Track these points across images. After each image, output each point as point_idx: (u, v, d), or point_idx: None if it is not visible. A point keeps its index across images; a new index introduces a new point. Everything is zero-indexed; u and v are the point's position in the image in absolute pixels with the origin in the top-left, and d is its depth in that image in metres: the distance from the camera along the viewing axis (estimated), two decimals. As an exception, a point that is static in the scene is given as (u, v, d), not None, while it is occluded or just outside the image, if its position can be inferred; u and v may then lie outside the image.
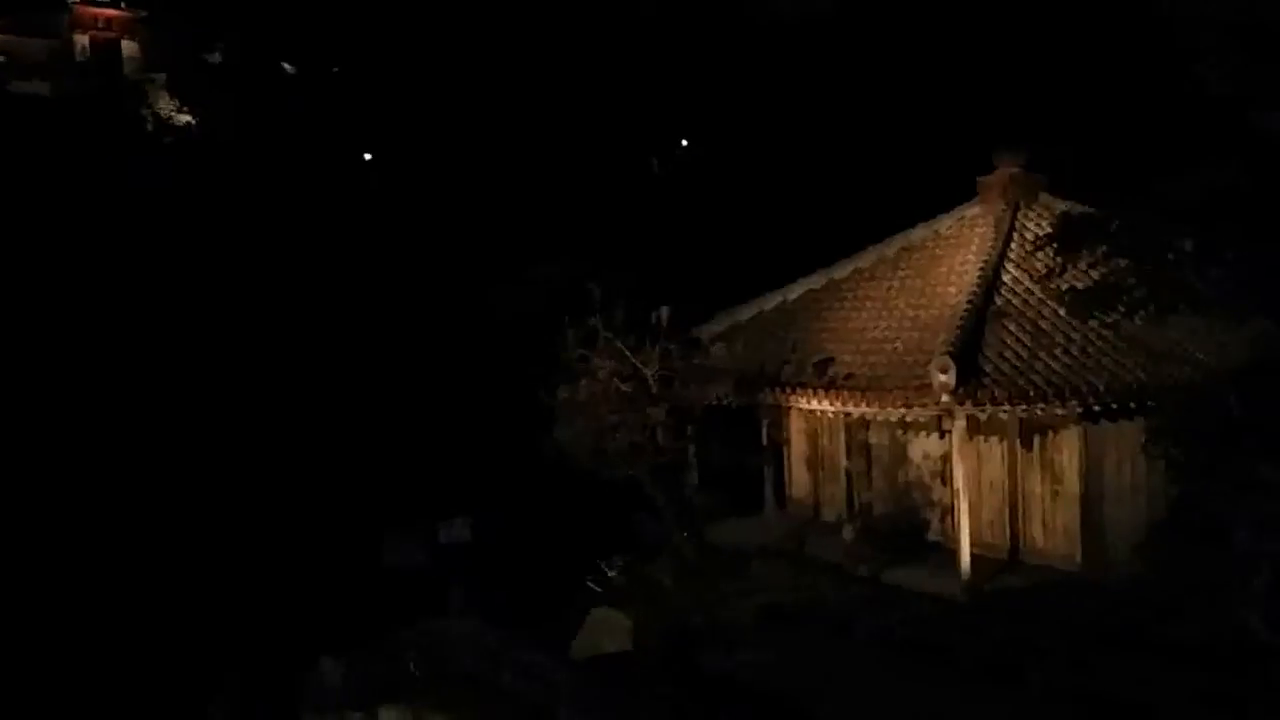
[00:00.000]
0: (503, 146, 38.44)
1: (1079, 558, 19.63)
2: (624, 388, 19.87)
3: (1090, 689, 14.23)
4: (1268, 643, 12.61)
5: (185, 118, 51.63)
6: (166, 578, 25.95)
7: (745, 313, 23.82)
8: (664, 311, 20.40)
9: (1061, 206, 20.72)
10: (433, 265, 35.29)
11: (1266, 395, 13.41)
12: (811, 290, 23.76)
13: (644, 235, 34.85)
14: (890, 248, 23.51)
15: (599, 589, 20.18)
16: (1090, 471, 19.70)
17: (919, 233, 23.37)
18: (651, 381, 20.02)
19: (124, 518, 27.39)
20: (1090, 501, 19.66)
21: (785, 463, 24.68)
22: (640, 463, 19.78)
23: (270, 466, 29.46)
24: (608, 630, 19.68)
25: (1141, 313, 15.54)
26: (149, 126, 48.65)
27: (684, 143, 43.26)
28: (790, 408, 22.51)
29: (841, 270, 23.72)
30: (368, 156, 43.11)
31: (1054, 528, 20.25)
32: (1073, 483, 19.88)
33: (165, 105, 53.88)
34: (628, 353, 20.00)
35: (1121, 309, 15.08)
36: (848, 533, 21.90)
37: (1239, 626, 12.99)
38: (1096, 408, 18.76)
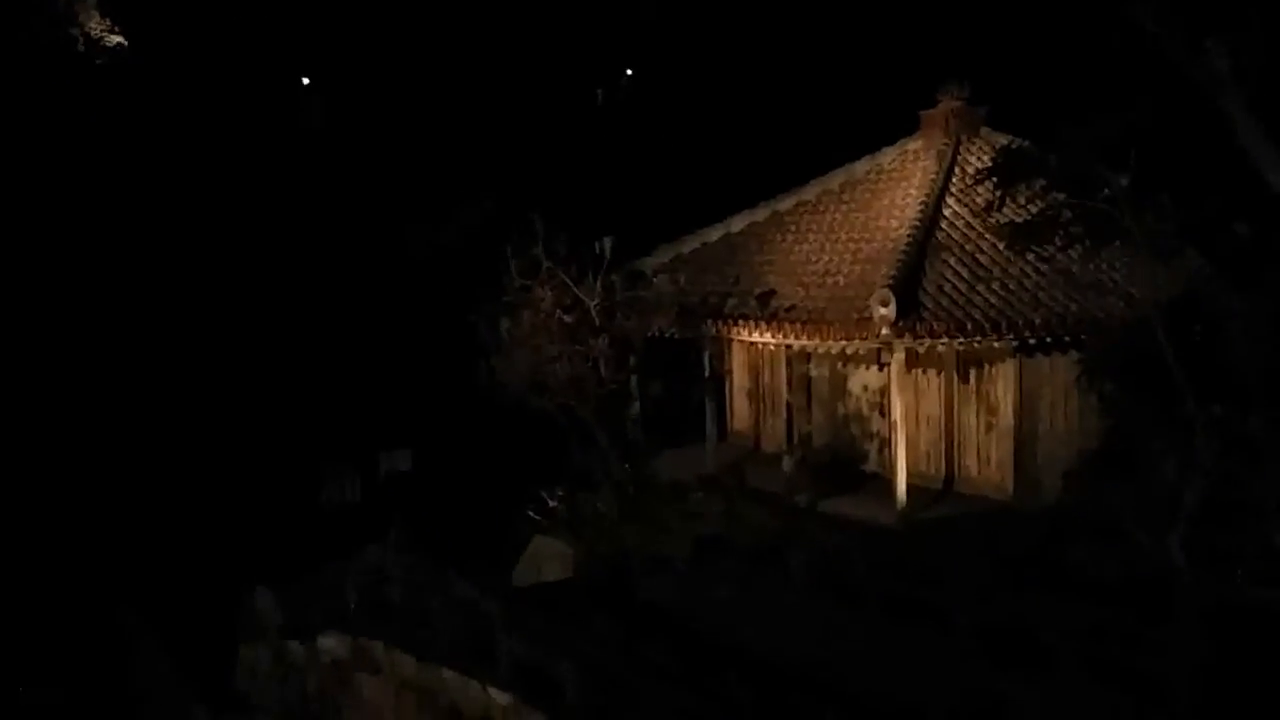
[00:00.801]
0: (459, 78, 37.82)
1: (1011, 488, 20.06)
2: (566, 319, 19.83)
3: (1011, 616, 14.64)
4: (1184, 571, 12.95)
5: (117, 39, 50.09)
6: (99, 510, 25.68)
7: (688, 245, 23.80)
8: (607, 243, 20.30)
9: (1001, 140, 20.84)
10: (375, 191, 34.78)
11: (1195, 331, 13.62)
12: (755, 222, 23.77)
13: (589, 166, 34.55)
14: (833, 180, 23.55)
15: (540, 518, 20.28)
16: (1024, 404, 20.06)
17: (862, 166, 23.41)
18: (594, 313, 19.99)
19: (55, 455, 26.99)
20: (1024, 434, 20.04)
21: (727, 395, 24.85)
22: (582, 394, 19.80)
23: (204, 400, 29.10)
24: (548, 559, 19.86)
25: (1076, 248, 15.70)
26: (80, 47, 47.15)
27: (629, 73, 42.76)
28: (732, 340, 22.64)
29: (785, 202, 23.73)
30: (306, 81, 42.20)
31: (988, 459, 20.64)
32: (1007, 415, 20.25)
33: (96, 26, 52.20)
34: (570, 284, 19.93)
35: (1057, 243, 15.20)
36: (787, 464, 22.16)
37: (1160, 556, 13.31)
38: (1031, 341, 19.07)
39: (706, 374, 23.01)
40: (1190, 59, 11.27)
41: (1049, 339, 18.85)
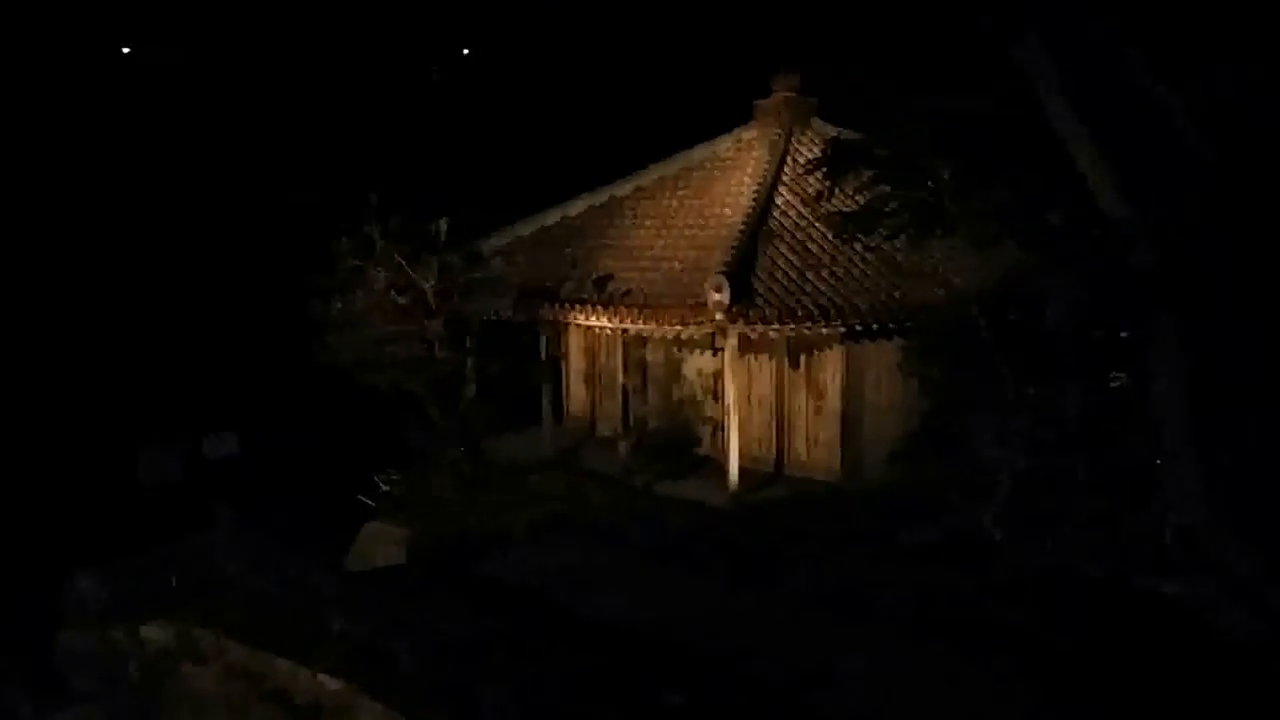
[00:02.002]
0: (294, 49, 36.81)
1: (839, 469, 20.65)
2: (401, 300, 19.58)
3: (839, 582, 15.20)
4: (1001, 543, 13.63)
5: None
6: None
7: (527, 227, 23.75)
8: (443, 223, 20.12)
9: (831, 131, 21.41)
10: (211, 158, 33.56)
11: (1012, 316, 14.32)
12: (593, 206, 23.87)
13: (425, 145, 34.10)
14: (671, 167, 23.82)
15: (372, 503, 19.99)
16: (851, 388, 20.67)
17: (699, 153, 23.74)
18: (430, 294, 19.79)
19: None
20: (850, 416, 20.65)
21: (563, 378, 24.90)
22: (417, 376, 19.60)
23: (12, 375, 27.61)
24: (383, 543, 19.57)
25: (902, 236, 16.28)
26: None
27: (465, 51, 42.31)
28: (570, 324, 22.69)
29: (623, 187, 23.90)
30: (126, 50, 40.52)
31: (816, 441, 21.19)
32: (835, 399, 20.82)
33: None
34: (404, 264, 19.68)
35: (884, 232, 15.76)
36: (623, 447, 22.37)
37: (978, 529, 13.97)
38: (858, 327, 19.67)
39: (543, 357, 23.04)
40: (1011, 49, 11.82)
41: (875, 325, 19.48)
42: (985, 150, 13.96)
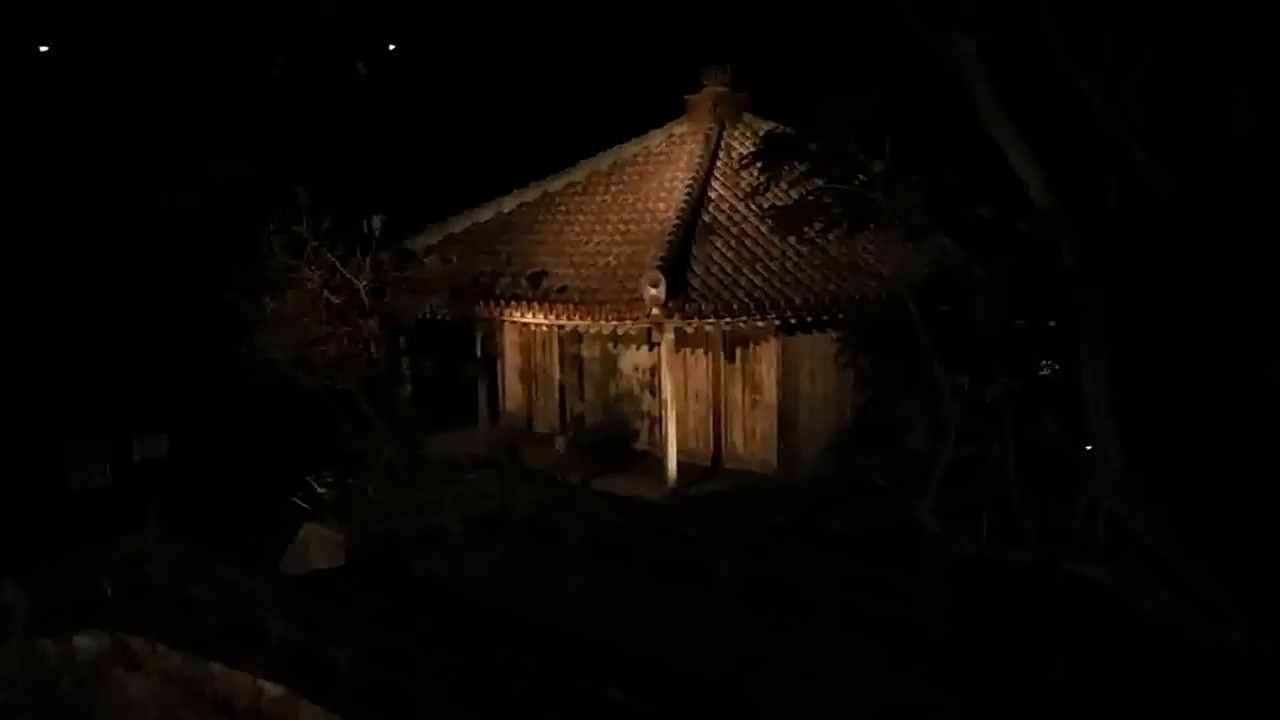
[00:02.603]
0: (210, 39, 36.15)
1: (775, 462, 20.82)
2: (334, 299, 19.39)
3: (774, 575, 15.35)
4: (934, 532, 13.79)
5: None
6: None
7: (459, 224, 23.68)
8: (376, 221, 19.97)
9: (763, 125, 21.58)
10: (120, 156, 32.84)
11: (943, 308, 14.48)
12: (525, 203, 23.85)
13: (354, 141, 33.73)
14: (602, 162, 23.85)
15: (308, 505, 19.79)
16: (786, 381, 20.86)
17: (630, 148, 23.79)
18: (363, 293, 19.63)
19: None
20: (786, 409, 20.84)
21: (499, 375, 24.85)
22: (351, 375, 19.42)
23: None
24: (317, 547, 19.37)
25: (836, 230, 16.39)
26: None
27: (391, 47, 41.86)
28: (505, 321, 22.65)
29: (555, 183, 23.89)
30: (44, 49, 39.66)
31: (753, 435, 21.36)
32: (771, 392, 21.00)
33: None
34: (337, 263, 19.49)
35: (818, 226, 15.86)
36: (560, 444, 22.39)
37: (912, 519, 14.14)
38: (793, 321, 19.84)
39: (478, 355, 22.96)
40: (938, 39, 11.91)
41: (810, 318, 19.68)
42: (915, 144, 14.10)
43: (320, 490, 19.91)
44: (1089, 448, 12.24)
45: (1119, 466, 11.62)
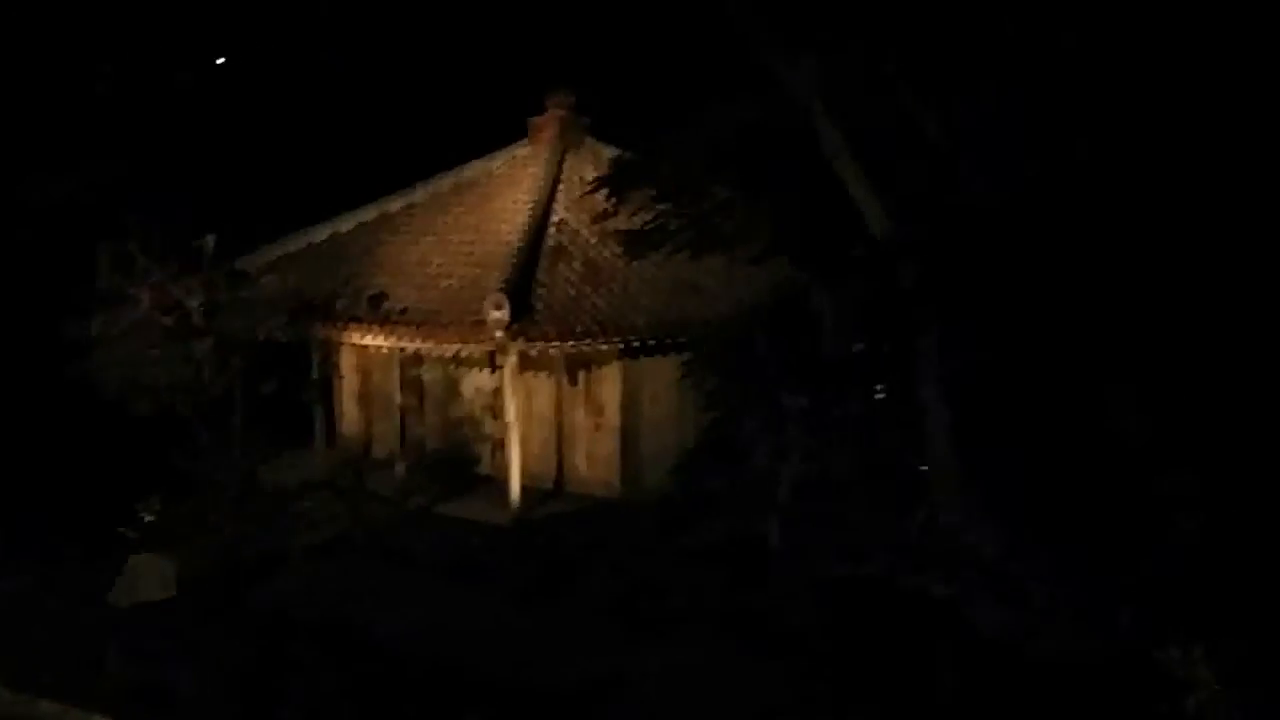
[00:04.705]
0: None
1: (618, 484, 20.96)
2: (166, 320, 18.74)
3: (621, 597, 15.46)
4: (779, 548, 14.17)
5: None
6: None
7: (295, 244, 23.16)
8: (209, 240, 19.42)
9: (606, 150, 21.82)
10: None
11: (785, 330, 14.93)
12: (363, 223, 23.48)
13: (184, 158, 32.62)
14: (443, 183, 23.68)
15: (136, 534, 18.99)
16: (629, 403, 21.05)
17: (472, 169, 23.70)
18: (196, 314, 19.03)
19: None
20: (629, 431, 21.02)
21: (337, 399, 24.36)
22: (185, 398, 18.79)
23: None
24: (149, 577, 18.58)
25: (682, 254, 16.72)
26: None
27: (220, 60, 40.59)
28: (342, 343, 22.25)
29: (394, 204, 23.61)
30: None
31: (596, 457, 21.45)
32: (614, 414, 21.14)
33: None
34: (169, 283, 18.86)
35: (664, 250, 16.15)
36: (400, 468, 22.06)
37: (757, 536, 14.49)
38: (636, 344, 20.07)
39: (315, 377, 22.49)
40: (783, 69, 12.31)
41: (654, 341, 19.92)
42: (757, 170, 14.52)
43: (149, 518, 19.12)
44: (926, 465, 12.77)
45: (955, 482, 12.15)
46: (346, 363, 24.15)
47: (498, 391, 21.09)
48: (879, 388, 14.35)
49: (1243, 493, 9.69)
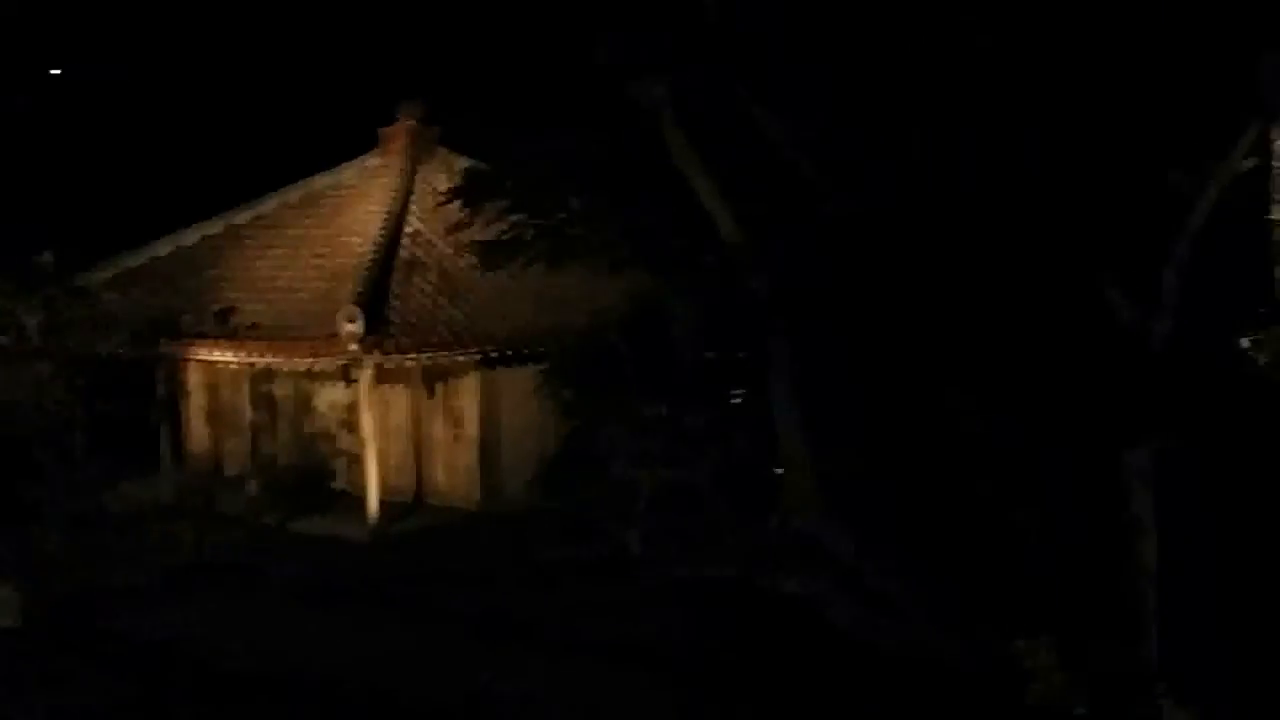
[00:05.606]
0: None
1: (479, 496, 20.87)
2: (3, 340, 18.00)
3: (482, 612, 15.41)
4: (640, 555, 14.27)
5: None
6: None
7: (136, 259, 22.49)
8: (48, 257, 18.71)
9: (459, 160, 21.72)
10: None
11: (644, 340, 15.04)
12: (210, 236, 22.92)
13: (23, 176, 31.31)
14: (293, 194, 23.30)
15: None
16: (488, 415, 20.98)
17: (322, 181, 23.36)
18: (35, 333, 18.31)
19: None
20: (488, 443, 20.95)
21: (184, 417, 23.68)
22: (24, 421, 18.04)
23: None
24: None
25: (538, 265, 16.69)
26: None
27: (55, 72, 39.11)
28: (189, 359, 21.66)
29: (241, 216, 23.11)
30: None
31: (455, 470, 21.32)
32: (472, 426, 21.05)
33: None
34: (6, 301, 18.12)
35: (520, 261, 16.10)
36: (252, 486, 21.58)
37: (619, 546, 14.56)
38: (494, 354, 20.01)
39: (161, 395, 21.84)
40: (632, 82, 12.40)
41: (511, 352, 19.90)
42: (610, 180, 14.60)
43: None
44: (780, 469, 13.02)
45: (807, 485, 12.42)
46: (194, 380, 23.51)
47: (353, 405, 20.79)
48: (735, 393, 14.57)
49: (1074, 489, 10.16)
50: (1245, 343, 10.33)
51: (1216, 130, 9.75)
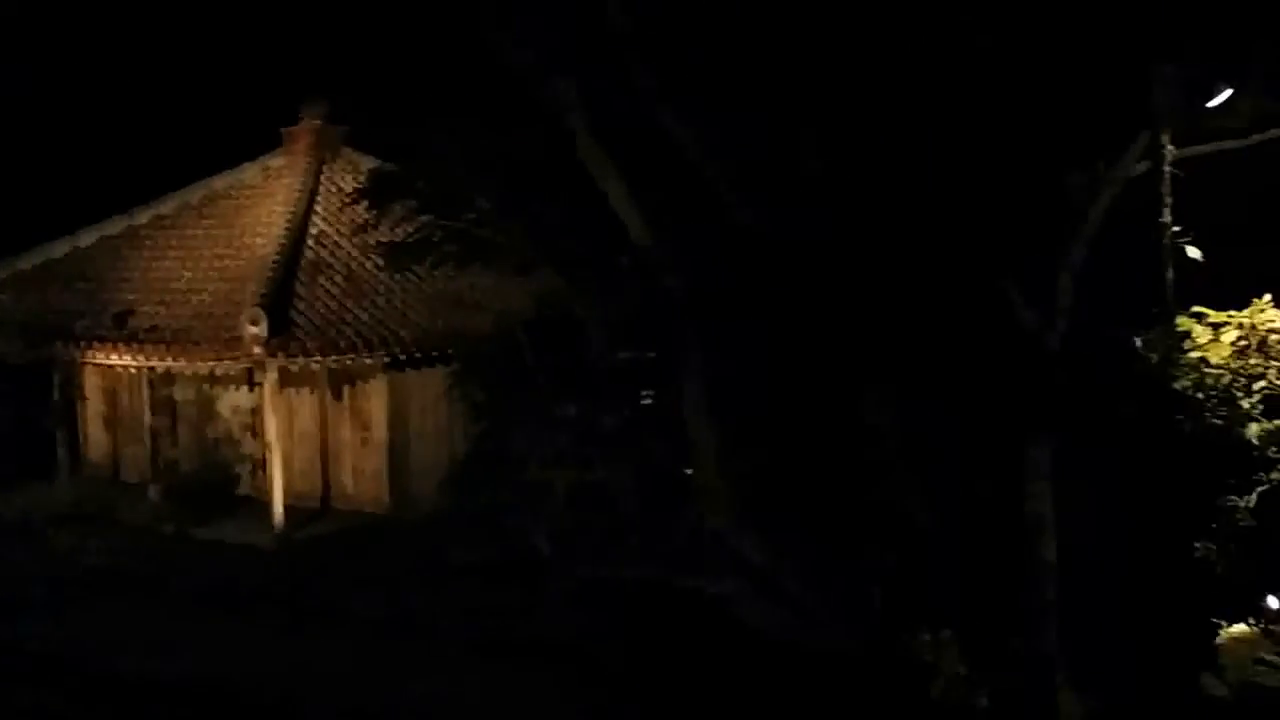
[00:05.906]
0: None
1: (388, 499, 20.64)
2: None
3: (393, 617, 15.26)
4: (553, 558, 14.25)
5: None
6: None
7: (29, 260, 21.85)
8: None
9: (365, 160, 21.47)
10: None
11: (553, 340, 15.01)
12: (107, 237, 22.36)
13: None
14: (193, 194, 22.85)
15: None
16: (396, 418, 20.76)
17: (223, 181, 22.93)
18: (-80, 338, 17.73)
19: None
20: (397, 446, 20.72)
21: (81, 422, 23.07)
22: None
23: None
24: None
25: (446, 266, 16.58)
26: None
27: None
28: (86, 363, 21.10)
29: (140, 216, 22.58)
30: None
31: (364, 474, 21.06)
32: (380, 429, 20.81)
33: None
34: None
35: (428, 263, 15.97)
36: (154, 493, 21.12)
37: (529, 547, 14.52)
38: (402, 357, 19.81)
39: (58, 400, 21.25)
40: (539, 82, 12.35)
41: (419, 354, 19.71)
42: (519, 181, 14.54)
43: None
44: (691, 470, 13.08)
45: (718, 486, 12.49)
46: (91, 384, 22.91)
47: (257, 409, 20.45)
48: (646, 395, 14.59)
49: (976, 485, 10.37)
50: (1138, 342, 10.61)
51: (1110, 136, 10.01)
